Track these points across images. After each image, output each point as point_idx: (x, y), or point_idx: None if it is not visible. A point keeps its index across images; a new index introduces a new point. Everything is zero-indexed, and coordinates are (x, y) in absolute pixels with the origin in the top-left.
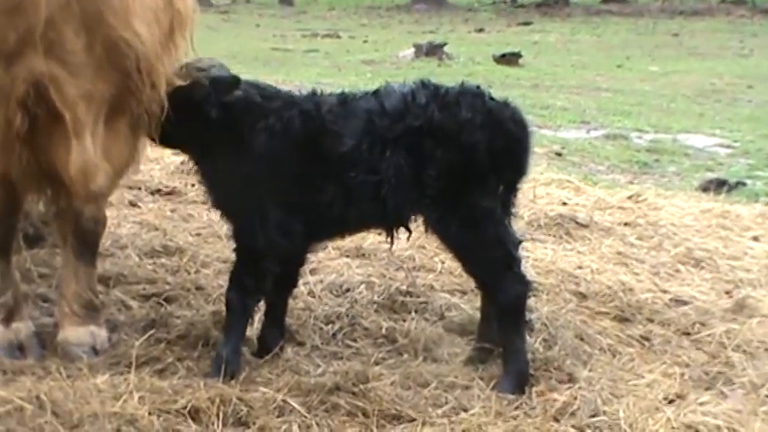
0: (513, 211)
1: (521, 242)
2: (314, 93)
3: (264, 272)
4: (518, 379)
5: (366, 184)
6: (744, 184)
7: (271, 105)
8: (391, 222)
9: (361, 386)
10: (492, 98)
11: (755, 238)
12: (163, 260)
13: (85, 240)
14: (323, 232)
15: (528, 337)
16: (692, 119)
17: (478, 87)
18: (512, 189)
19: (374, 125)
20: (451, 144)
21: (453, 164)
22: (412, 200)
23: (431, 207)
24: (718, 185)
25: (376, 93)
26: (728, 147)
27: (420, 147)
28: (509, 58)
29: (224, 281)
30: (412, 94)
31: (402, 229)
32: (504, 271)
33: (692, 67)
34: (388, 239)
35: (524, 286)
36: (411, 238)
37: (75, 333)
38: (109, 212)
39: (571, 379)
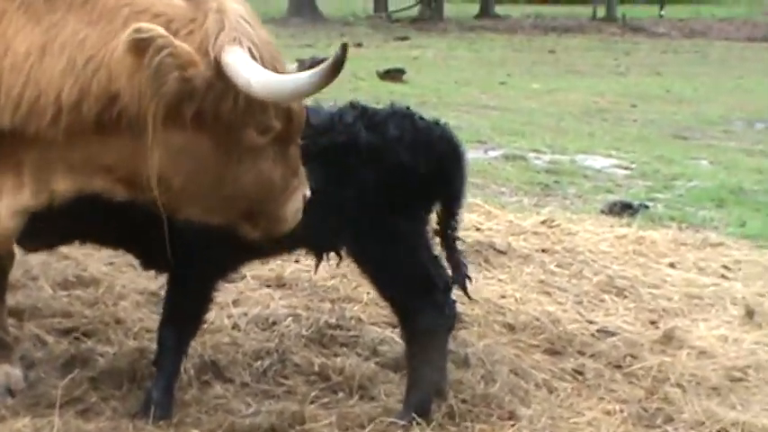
0: (455, 236)
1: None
2: None
3: (204, 301)
4: (419, 409)
5: None
6: (646, 207)
7: None
8: (316, 243)
9: (298, 427)
10: (422, 118)
11: (672, 265)
12: (78, 291)
13: None
14: (249, 254)
15: (466, 373)
16: (584, 139)
17: (408, 108)
18: (449, 213)
19: None
20: (377, 163)
21: (377, 184)
22: (334, 219)
23: (351, 227)
24: (623, 208)
25: None
26: (625, 168)
27: (344, 164)
28: (393, 75)
29: (143, 314)
30: (339, 113)
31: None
32: (422, 296)
33: (572, 85)
34: (313, 265)
35: (442, 317)
36: (333, 268)
37: None
38: None
39: (512, 416)
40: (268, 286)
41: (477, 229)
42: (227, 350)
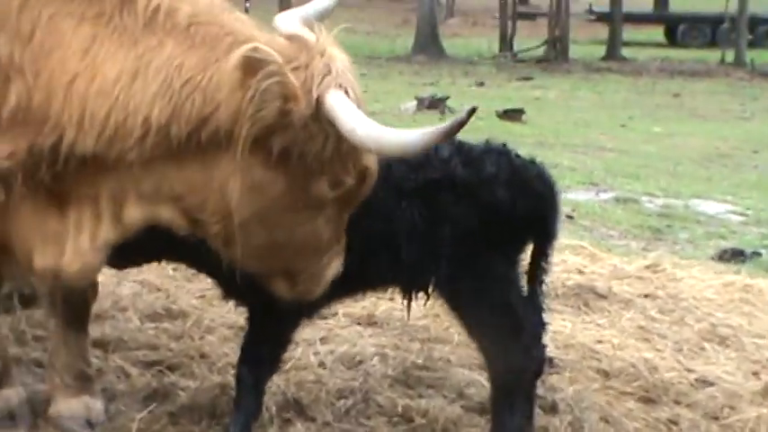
0: (543, 278)
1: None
2: None
3: (283, 340)
4: None
5: (380, 235)
6: (759, 255)
7: None
8: (407, 280)
9: None
10: (518, 156)
11: None
12: (165, 324)
13: (75, 306)
14: (341, 289)
15: (553, 419)
16: (701, 183)
17: (504, 145)
18: (541, 254)
19: (392, 173)
20: (472, 201)
21: (472, 222)
22: (427, 257)
23: (442, 265)
24: (734, 255)
25: None
26: (741, 214)
27: (438, 201)
28: (511, 115)
29: (230, 348)
30: (435, 147)
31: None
32: (509, 340)
33: (694, 130)
34: (404, 304)
35: (530, 361)
36: (426, 307)
37: (68, 405)
38: (109, 270)
39: None
40: (358, 324)
41: (580, 272)
42: (310, 388)
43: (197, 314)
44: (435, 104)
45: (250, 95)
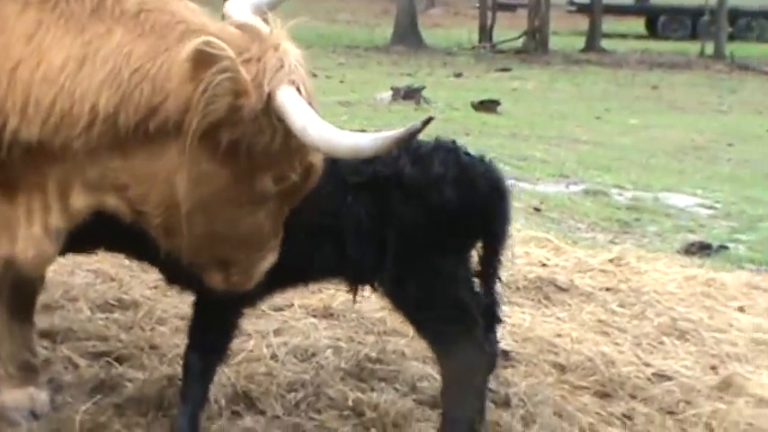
0: (495, 275)
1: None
2: None
3: (228, 328)
4: None
5: (326, 228)
6: (726, 248)
7: None
8: (352, 275)
9: None
10: (467, 153)
11: (741, 309)
12: (116, 315)
13: (22, 296)
14: (285, 280)
15: (504, 413)
16: (673, 176)
17: (453, 142)
18: (491, 252)
19: (339, 168)
20: (419, 200)
21: (419, 221)
22: (372, 253)
23: (388, 263)
24: (701, 248)
25: None
26: (710, 207)
27: (385, 199)
28: (487, 105)
29: (181, 340)
30: None
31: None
32: (460, 338)
33: (671, 122)
34: (353, 297)
35: (481, 357)
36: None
37: (12, 396)
38: (63, 258)
39: None
40: (314, 316)
41: (543, 265)
42: (261, 380)
43: (149, 305)
44: (411, 95)
45: (201, 89)
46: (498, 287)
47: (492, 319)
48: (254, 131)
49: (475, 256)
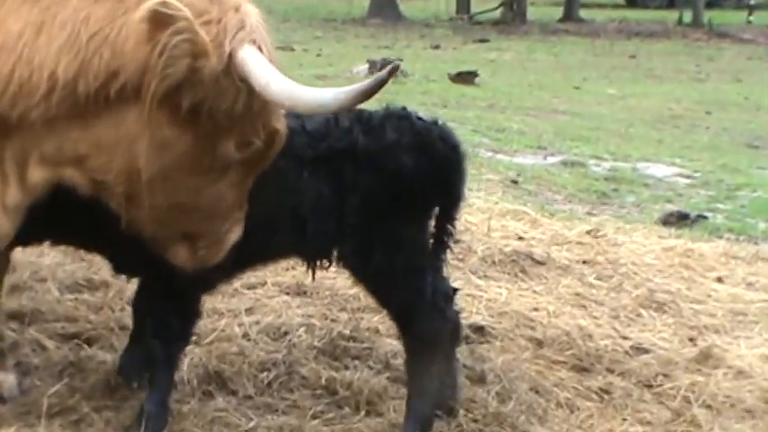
0: (449, 241)
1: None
2: None
3: (193, 312)
4: (421, 425)
5: (282, 207)
6: (705, 218)
7: None
8: (310, 252)
9: None
10: (420, 119)
11: (719, 280)
12: (85, 295)
13: None
14: (246, 260)
15: (480, 390)
16: (651, 146)
17: (404, 108)
18: (447, 217)
19: (293, 144)
20: (375, 170)
21: (376, 190)
22: (330, 228)
23: (347, 237)
24: (679, 218)
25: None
26: (688, 177)
27: (341, 171)
28: (465, 77)
29: None
30: (335, 117)
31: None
32: (422, 303)
33: (649, 91)
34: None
35: (444, 322)
36: None
37: None
38: None
39: None
40: (287, 294)
41: (520, 238)
42: (233, 360)
43: (119, 285)
44: (385, 68)
45: (158, 51)
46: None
47: (448, 286)
48: (216, 93)
49: None
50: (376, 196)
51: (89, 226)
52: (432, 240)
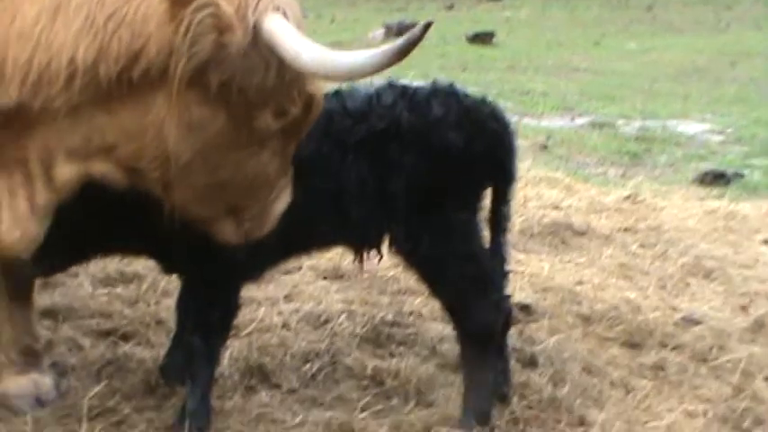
0: (506, 224)
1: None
2: None
3: (230, 305)
4: (479, 418)
5: (326, 193)
6: (741, 176)
7: None
8: (358, 240)
9: None
10: (468, 95)
11: (766, 242)
12: (119, 289)
13: (17, 278)
14: (290, 249)
15: (532, 374)
16: (678, 102)
17: (451, 85)
18: (501, 199)
19: (334, 126)
20: (422, 148)
21: (424, 171)
22: (379, 213)
23: (397, 221)
24: (716, 178)
25: (337, 93)
26: (720, 132)
27: (386, 152)
28: (482, 38)
29: None
30: (377, 94)
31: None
32: (476, 294)
33: (669, 44)
34: (360, 263)
35: (498, 314)
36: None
37: (16, 383)
38: None
39: (583, 422)
40: (324, 278)
41: (556, 208)
42: (274, 352)
43: (152, 276)
44: (404, 31)
45: (183, 30)
46: (508, 237)
47: (503, 273)
48: (245, 69)
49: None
50: (423, 177)
51: (133, 229)
52: (489, 226)
